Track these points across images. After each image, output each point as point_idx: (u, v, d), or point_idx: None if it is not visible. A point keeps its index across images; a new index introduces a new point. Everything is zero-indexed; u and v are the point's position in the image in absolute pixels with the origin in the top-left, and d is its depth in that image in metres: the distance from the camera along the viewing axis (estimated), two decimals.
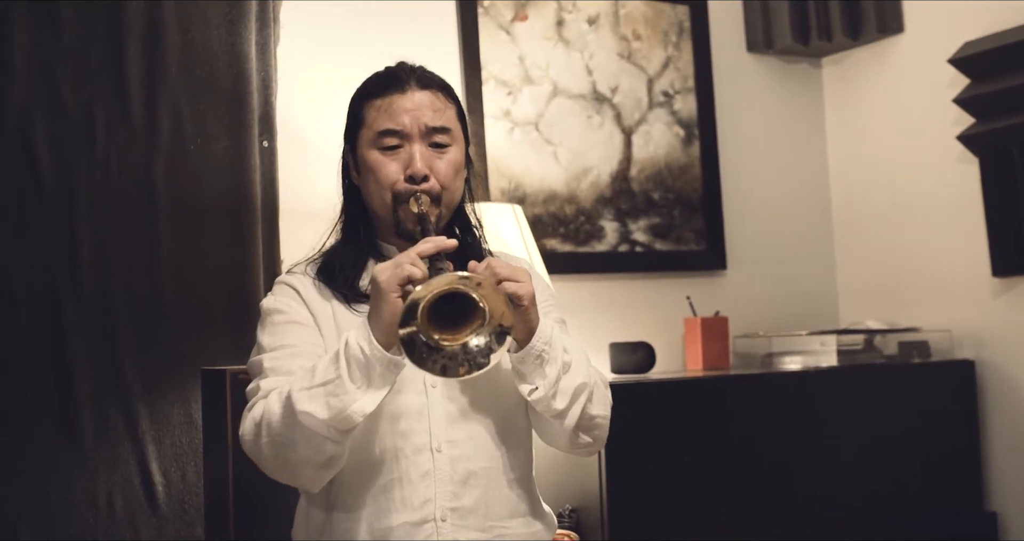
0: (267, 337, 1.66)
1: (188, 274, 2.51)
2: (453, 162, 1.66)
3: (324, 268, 1.71)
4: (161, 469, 2.44)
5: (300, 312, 1.66)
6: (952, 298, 3.17)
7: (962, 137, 3.06)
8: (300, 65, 2.73)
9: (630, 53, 3.21)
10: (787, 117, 3.51)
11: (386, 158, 1.64)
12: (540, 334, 1.53)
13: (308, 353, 1.61)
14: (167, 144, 2.50)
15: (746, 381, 2.84)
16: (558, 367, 1.54)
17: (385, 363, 1.46)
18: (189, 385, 2.46)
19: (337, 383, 1.46)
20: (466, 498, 1.60)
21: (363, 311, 1.61)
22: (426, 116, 1.64)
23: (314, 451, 1.50)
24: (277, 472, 1.58)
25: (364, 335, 1.46)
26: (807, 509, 2.75)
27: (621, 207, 3.16)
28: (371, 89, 1.69)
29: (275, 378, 1.59)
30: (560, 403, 1.55)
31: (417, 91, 1.65)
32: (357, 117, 1.70)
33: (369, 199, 1.69)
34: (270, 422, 1.52)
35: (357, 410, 1.46)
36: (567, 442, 1.62)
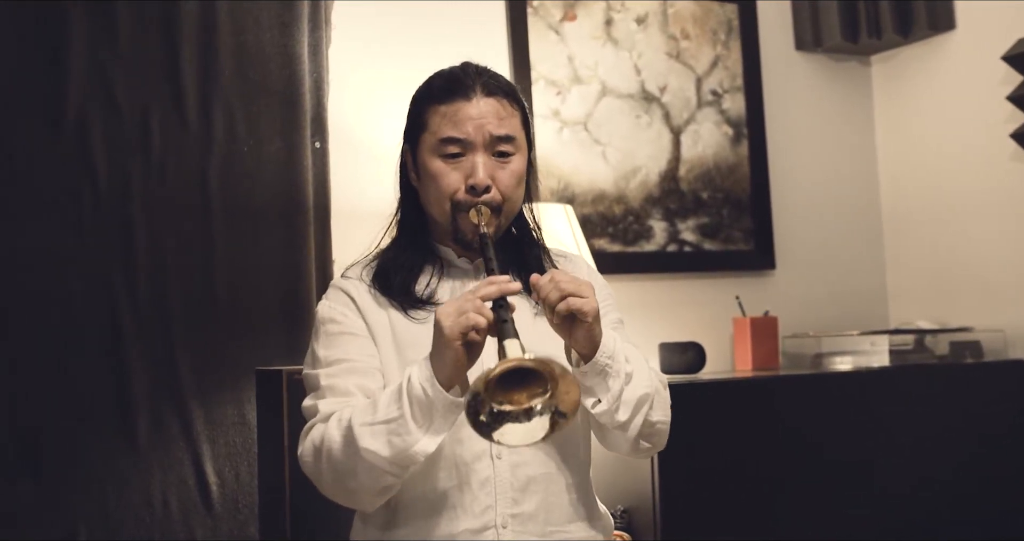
0: (322, 349, 1.65)
1: (241, 276, 2.53)
2: (516, 172, 1.64)
3: (379, 274, 1.69)
4: (215, 469, 2.46)
5: (355, 322, 1.65)
6: (1004, 298, 3.13)
7: (1016, 135, 3.02)
8: (351, 66, 2.74)
9: (679, 52, 3.19)
10: (836, 116, 3.48)
11: (448, 166, 1.62)
12: (604, 348, 1.52)
13: (364, 368, 1.61)
14: (221, 146, 2.52)
15: (797, 381, 2.82)
16: (621, 380, 1.53)
17: (448, 405, 1.46)
18: (243, 385, 2.48)
19: (400, 422, 1.46)
20: (526, 504, 1.59)
21: (420, 318, 1.63)
22: (491, 125, 1.60)
23: (374, 481, 1.51)
24: (336, 495, 1.60)
25: (427, 375, 1.46)
26: (857, 510, 2.73)
27: (670, 207, 3.14)
28: (435, 93, 1.65)
29: (333, 399, 1.58)
30: (623, 415, 1.55)
31: (483, 98, 1.61)
32: (419, 120, 1.67)
33: (427, 203, 1.67)
34: (330, 450, 1.52)
35: (419, 451, 1.47)
36: (628, 449, 1.62)
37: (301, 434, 1.60)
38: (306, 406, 1.63)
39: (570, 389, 1.38)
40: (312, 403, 1.61)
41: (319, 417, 1.58)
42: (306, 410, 1.63)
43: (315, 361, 1.65)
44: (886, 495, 2.77)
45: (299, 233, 2.58)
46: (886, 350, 2.92)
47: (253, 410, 2.46)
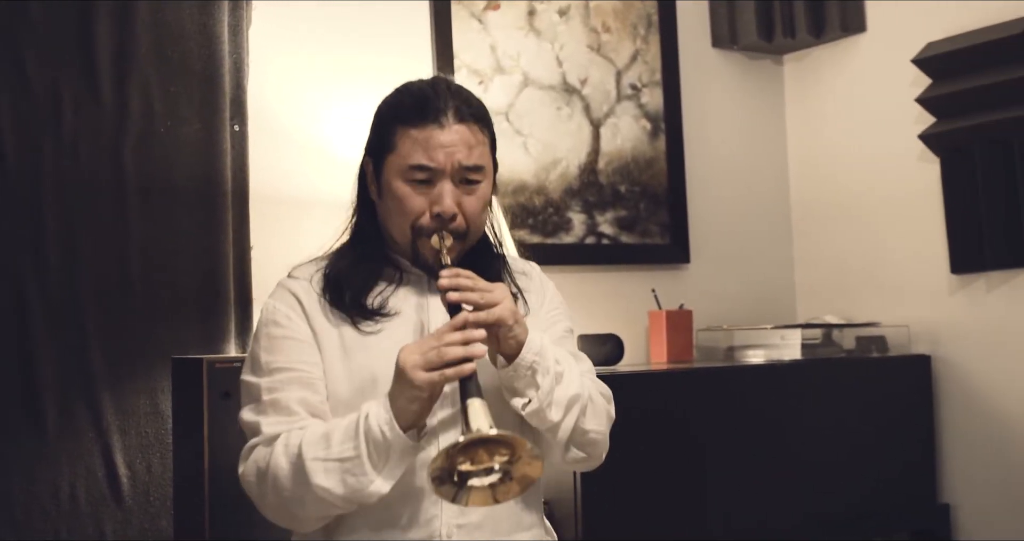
0: (264, 353, 1.60)
1: (156, 260, 2.44)
2: (482, 198, 1.61)
3: (331, 283, 1.63)
4: (126, 461, 2.38)
5: (299, 327, 1.60)
6: (910, 294, 3.23)
7: (923, 136, 3.12)
8: (271, 49, 2.67)
9: (599, 45, 3.20)
10: (749, 113, 3.54)
11: (414, 192, 1.58)
12: (530, 345, 1.52)
13: (307, 379, 1.57)
14: (136, 125, 2.43)
15: (713, 374, 2.87)
16: (551, 378, 1.53)
17: (406, 449, 1.45)
18: (157, 374, 2.40)
19: (355, 462, 1.45)
20: (473, 514, 1.57)
21: (371, 330, 1.59)
22: (461, 154, 1.56)
23: (322, 512, 1.51)
24: (278, 519, 1.57)
25: (385, 417, 1.44)
26: (768, 501, 2.79)
27: (589, 199, 3.15)
28: (405, 113, 1.59)
29: (276, 418, 1.54)
30: (555, 414, 1.54)
31: (455, 125, 1.56)
32: (387, 139, 1.61)
33: (387, 222, 1.63)
34: (277, 477, 1.49)
35: (373, 492, 1.46)
36: (559, 456, 1.61)
37: (243, 452, 1.56)
38: (247, 420, 1.58)
39: (531, 467, 1.38)
40: (254, 420, 1.56)
41: (262, 439, 1.54)
42: (246, 425, 1.58)
43: (255, 367, 1.60)
44: (793, 487, 2.83)
45: (217, 217, 2.51)
46: (798, 344, 2.99)
47: (167, 400, 2.39)
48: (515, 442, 1.36)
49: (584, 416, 1.58)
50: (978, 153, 2.99)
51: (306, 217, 2.63)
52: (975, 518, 3.08)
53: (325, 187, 2.64)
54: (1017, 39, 2.88)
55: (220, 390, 2.14)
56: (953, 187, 3.07)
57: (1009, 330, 3.00)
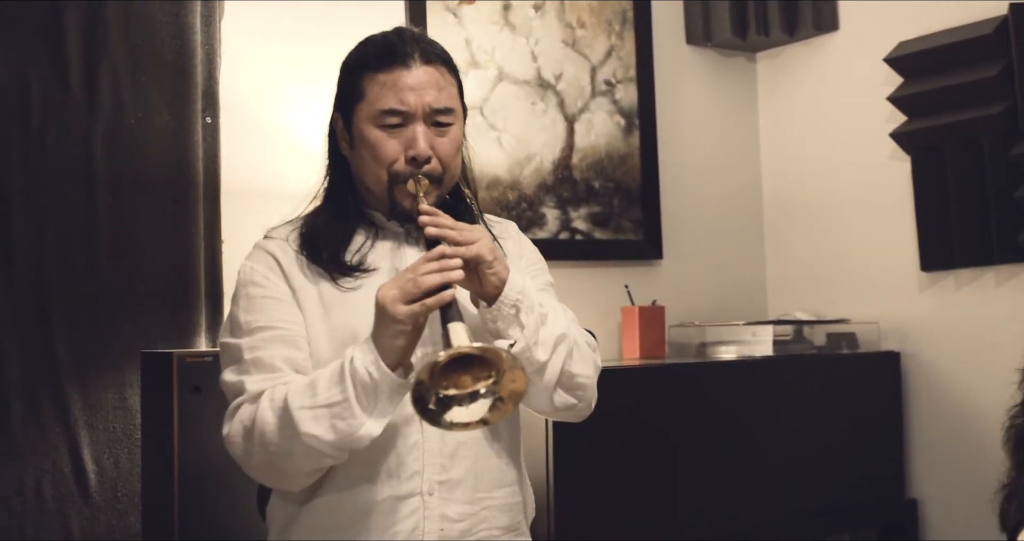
0: (243, 313, 1.57)
1: (126, 253, 2.42)
2: (455, 141, 1.60)
3: (307, 241, 1.61)
4: (93, 456, 2.35)
5: (277, 286, 1.58)
6: (880, 291, 3.25)
7: (895, 135, 3.13)
8: (244, 41, 2.64)
9: (575, 41, 3.20)
10: (722, 110, 3.55)
11: (387, 136, 1.57)
12: (512, 284, 1.49)
13: (289, 337, 1.55)
14: (106, 116, 2.41)
15: (687, 369, 2.88)
16: (535, 317, 1.50)
17: (394, 387, 1.43)
18: (125, 368, 2.37)
19: (344, 406, 1.43)
20: (455, 470, 1.56)
21: (350, 286, 1.57)
22: (430, 96, 1.56)
23: (312, 463, 1.48)
24: (265, 477, 1.54)
25: (371, 358, 1.42)
26: (739, 497, 2.80)
27: (563, 195, 3.15)
28: (371, 61, 1.58)
29: (260, 375, 1.51)
30: (541, 354, 1.51)
31: (422, 66, 1.56)
32: (355, 88, 1.60)
33: (362, 174, 1.61)
34: (264, 432, 1.46)
35: (365, 434, 1.44)
36: (549, 402, 1.57)
37: (227, 413, 1.53)
38: (229, 381, 1.55)
39: (516, 379, 1.36)
40: (237, 379, 1.53)
41: (247, 396, 1.51)
42: (229, 386, 1.55)
43: (235, 328, 1.57)
44: (764, 483, 2.85)
45: (188, 210, 2.48)
46: (770, 340, 3.00)
47: (136, 394, 2.36)
48: (496, 356, 1.35)
49: (571, 359, 1.55)
50: (949, 152, 3.01)
51: (278, 210, 2.57)
52: (942, 513, 3.11)
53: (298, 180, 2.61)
54: (988, 39, 2.90)
55: (190, 385, 2.12)
56: (924, 185, 3.09)
57: (977, 327, 3.02)
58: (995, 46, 2.89)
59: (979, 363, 3.01)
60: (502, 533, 1.61)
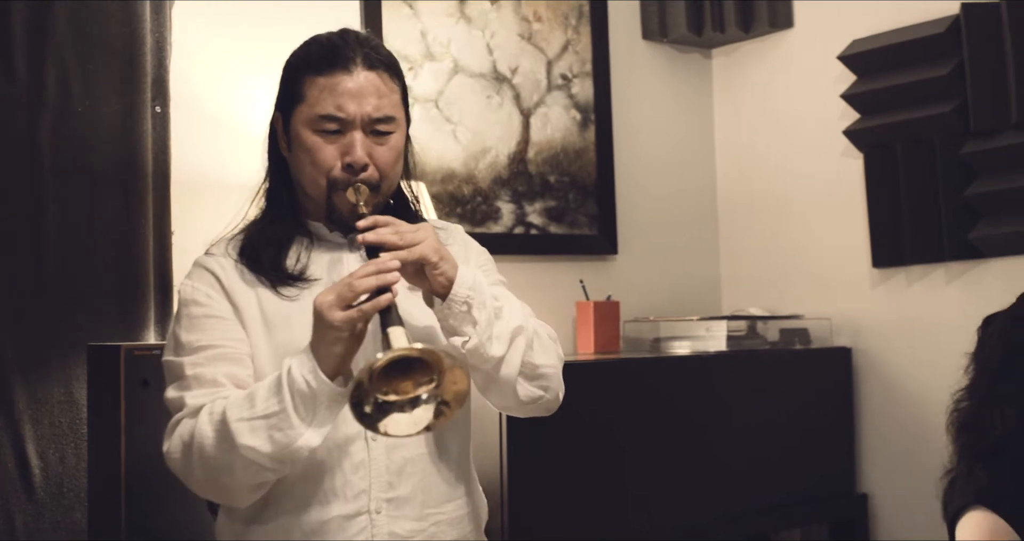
0: (185, 333, 1.54)
1: (73, 244, 2.36)
2: (394, 149, 1.57)
3: (247, 249, 1.59)
4: (38, 451, 2.30)
5: (219, 304, 1.55)
6: (832, 287, 3.27)
7: (848, 132, 3.16)
8: (196, 31, 2.60)
9: (531, 34, 3.18)
10: (678, 106, 3.55)
11: (324, 142, 1.53)
12: (461, 280, 1.46)
13: (232, 355, 1.52)
14: (53, 104, 2.35)
15: (642, 365, 2.87)
16: (488, 311, 1.47)
17: (333, 396, 1.40)
18: (71, 362, 2.33)
19: (281, 417, 1.39)
20: (402, 488, 1.53)
21: (290, 295, 1.55)
22: (371, 104, 1.52)
23: (252, 477, 1.44)
24: (208, 493, 1.51)
25: (308, 366, 1.39)
26: (691, 493, 2.80)
27: (518, 189, 3.14)
28: (313, 62, 1.55)
29: (200, 390, 1.48)
30: (497, 349, 1.48)
31: (363, 71, 1.52)
32: (295, 89, 1.57)
33: (300, 177, 1.58)
34: (203, 446, 1.43)
35: (303, 445, 1.40)
36: (514, 396, 1.54)
37: (167, 429, 1.50)
38: (170, 398, 1.52)
39: (457, 379, 1.34)
40: (177, 395, 1.50)
41: (186, 411, 1.48)
42: (170, 402, 1.52)
43: (178, 347, 1.54)
44: (717, 477, 2.86)
45: (137, 201, 2.44)
46: (724, 335, 3.01)
47: (82, 388, 2.31)
48: (434, 357, 1.32)
49: (532, 350, 1.52)
50: (900, 149, 3.04)
51: (229, 202, 2.53)
52: (892, 508, 3.14)
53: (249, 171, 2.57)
54: (940, 37, 2.93)
55: (139, 378, 2.08)
56: (875, 183, 3.12)
57: (927, 323, 3.06)
58: (947, 45, 2.93)
59: (929, 359, 3.04)
60: None
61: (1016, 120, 2.80)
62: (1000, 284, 2.89)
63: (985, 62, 2.86)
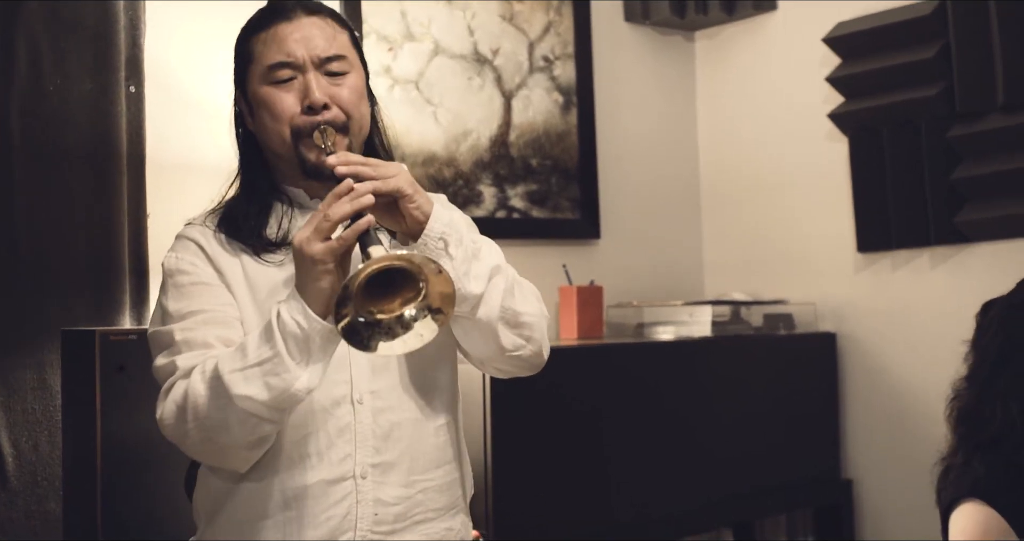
0: (172, 302, 1.50)
1: (45, 227, 2.30)
2: (355, 87, 1.54)
3: (226, 218, 1.56)
4: (10, 438, 2.24)
5: (205, 270, 1.52)
6: (817, 272, 3.25)
7: (832, 115, 3.13)
8: (170, 9, 2.53)
9: (512, 15, 3.13)
10: (660, 89, 3.51)
11: (280, 91, 1.51)
12: (437, 216, 1.42)
13: (221, 318, 1.48)
14: (23, 83, 2.29)
15: (625, 350, 2.84)
16: (465, 248, 1.43)
17: (325, 334, 1.36)
18: (44, 347, 2.27)
19: (276, 361, 1.35)
20: (388, 453, 1.50)
21: (274, 262, 1.52)
22: (318, 45, 1.51)
23: (250, 431, 1.39)
24: (204, 455, 1.47)
25: (298, 308, 1.35)
26: (675, 478, 2.78)
27: (499, 172, 3.09)
28: (255, 23, 1.57)
29: (191, 353, 1.44)
30: (475, 286, 1.43)
31: (304, 17, 1.53)
32: (244, 55, 1.56)
33: (267, 140, 1.55)
34: (196, 405, 1.38)
35: (301, 387, 1.36)
36: (496, 344, 1.48)
37: (160, 395, 1.45)
38: (159, 366, 1.47)
39: (443, 286, 1.32)
40: (167, 360, 1.46)
41: (179, 373, 1.43)
42: (159, 370, 1.47)
43: (165, 316, 1.50)
44: (701, 464, 2.83)
45: (111, 182, 2.38)
46: (708, 321, 2.98)
47: (56, 374, 2.25)
48: (416, 265, 1.29)
49: (512, 296, 1.48)
50: (886, 133, 3.02)
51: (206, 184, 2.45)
52: (877, 494, 3.13)
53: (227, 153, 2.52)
54: (926, 20, 2.91)
55: (114, 364, 2.03)
56: (861, 166, 3.09)
57: (912, 308, 3.04)
58: (933, 27, 2.90)
59: (914, 344, 3.03)
60: (438, 515, 1.56)
61: (1002, 103, 2.78)
62: (986, 269, 2.88)
63: (971, 44, 2.84)
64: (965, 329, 1.86)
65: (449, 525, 1.58)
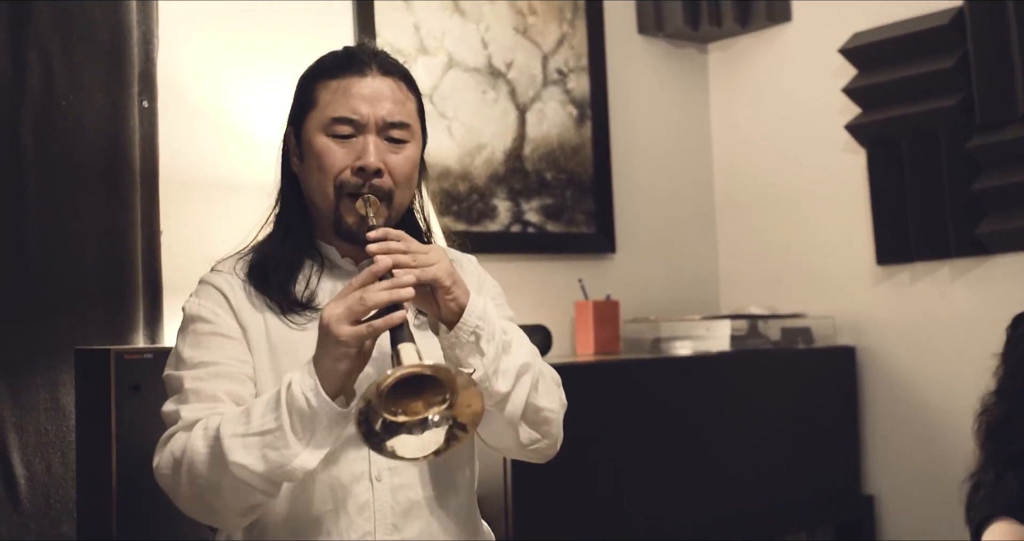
0: (188, 349, 1.47)
1: (57, 244, 2.27)
2: (410, 159, 1.50)
3: (255, 269, 1.52)
4: (23, 460, 2.20)
5: (226, 322, 1.48)
6: (835, 285, 3.21)
7: (849, 127, 3.10)
8: (183, 23, 2.51)
9: (526, 28, 3.11)
10: (674, 102, 3.48)
11: (336, 145, 1.47)
12: (472, 309, 1.39)
13: (234, 374, 1.45)
14: (35, 97, 2.26)
15: (644, 365, 2.81)
16: (496, 344, 1.40)
17: (334, 417, 1.31)
18: (57, 366, 2.23)
19: (277, 435, 1.31)
20: (408, 531, 1.46)
21: (297, 324, 1.48)
22: (385, 108, 1.47)
23: (240, 500, 1.36)
24: (194, 513, 1.43)
25: (310, 383, 1.31)
26: (694, 495, 2.74)
27: (514, 186, 3.06)
28: (326, 69, 1.51)
29: (198, 405, 1.41)
30: (503, 384, 1.40)
31: (378, 77, 1.48)
32: (307, 97, 1.52)
33: (309, 189, 1.51)
34: (192, 462, 1.35)
35: (298, 466, 1.32)
36: (515, 438, 1.47)
37: (159, 442, 1.42)
38: (166, 411, 1.45)
39: (472, 401, 1.26)
40: (174, 408, 1.43)
41: (181, 424, 1.40)
42: (166, 416, 1.45)
43: (179, 362, 1.47)
44: (723, 477, 2.79)
45: (124, 199, 2.34)
46: (727, 335, 2.94)
47: (69, 394, 2.21)
48: (447, 375, 1.24)
49: (536, 391, 1.45)
50: (904, 144, 2.98)
51: (220, 201, 2.49)
52: (899, 509, 3.08)
53: (241, 169, 2.50)
54: (944, 29, 2.88)
55: (129, 383, 1.99)
56: (879, 178, 3.06)
57: (933, 321, 3.00)
58: (951, 36, 2.87)
59: (936, 357, 2.99)
60: None
61: (1023, 113, 2.75)
62: (1008, 281, 2.84)
63: (990, 54, 2.81)
64: (987, 342, 1.83)
65: None
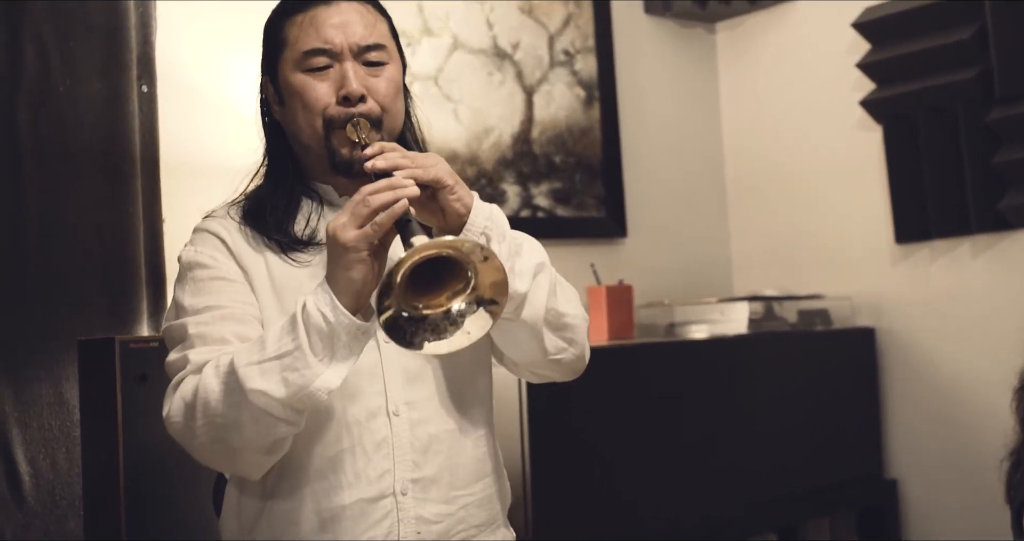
0: (189, 296, 1.40)
1: (56, 233, 2.21)
2: (393, 80, 1.44)
3: (251, 211, 1.46)
4: (27, 456, 2.14)
5: (227, 265, 1.42)
6: (852, 265, 3.14)
7: (864, 103, 3.03)
8: (181, 5, 2.44)
9: (531, 8, 3.04)
10: (682, 82, 3.42)
11: (314, 80, 1.42)
12: (478, 209, 1.33)
13: (240, 315, 1.38)
14: (32, 83, 2.20)
15: (660, 349, 2.75)
16: (509, 243, 1.33)
17: (352, 331, 1.25)
18: (60, 359, 2.17)
19: (296, 355, 1.24)
20: (428, 467, 1.41)
21: (300, 261, 1.42)
22: (357, 32, 1.42)
23: (264, 433, 1.28)
24: (214, 459, 1.36)
25: (326, 300, 1.24)
26: (715, 479, 2.68)
27: (523, 170, 2.99)
28: (290, 5, 1.46)
29: (204, 348, 1.34)
30: (520, 284, 1.33)
31: (343, 2, 1.43)
32: (276, 39, 1.46)
33: (296, 131, 1.45)
34: (207, 402, 1.28)
35: (321, 386, 1.25)
36: (539, 347, 1.40)
37: (167, 391, 1.35)
38: (171, 361, 1.37)
39: (492, 272, 1.20)
40: (179, 355, 1.36)
41: (190, 368, 1.33)
42: (171, 365, 1.37)
43: (180, 311, 1.40)
44: (740, 464, 2.73)
45: (124, 186, 2.28)
46: (745, 318, 2.87)
47: (73, 387, 2.15)
48: (465, 251, 1.19)
49: (555, 296, 1.39)
50: (921, 119, 2.92)
51: (223, 186, 2.39)
52: (923, 493, 3.01)
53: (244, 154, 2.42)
54: (959, 1, 2.81)
55: (135, 373, 1.92)
56: (896, 155, 2.99)
57: (954, 300, 2.93)
58: (968, 7, 2.80)
59: (957, 337, 2.92)
60: (480, 531, 1.47)
61: None
62: None
63: (1009, 24, 2.74)
64: (1011, 319, 1.77)
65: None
